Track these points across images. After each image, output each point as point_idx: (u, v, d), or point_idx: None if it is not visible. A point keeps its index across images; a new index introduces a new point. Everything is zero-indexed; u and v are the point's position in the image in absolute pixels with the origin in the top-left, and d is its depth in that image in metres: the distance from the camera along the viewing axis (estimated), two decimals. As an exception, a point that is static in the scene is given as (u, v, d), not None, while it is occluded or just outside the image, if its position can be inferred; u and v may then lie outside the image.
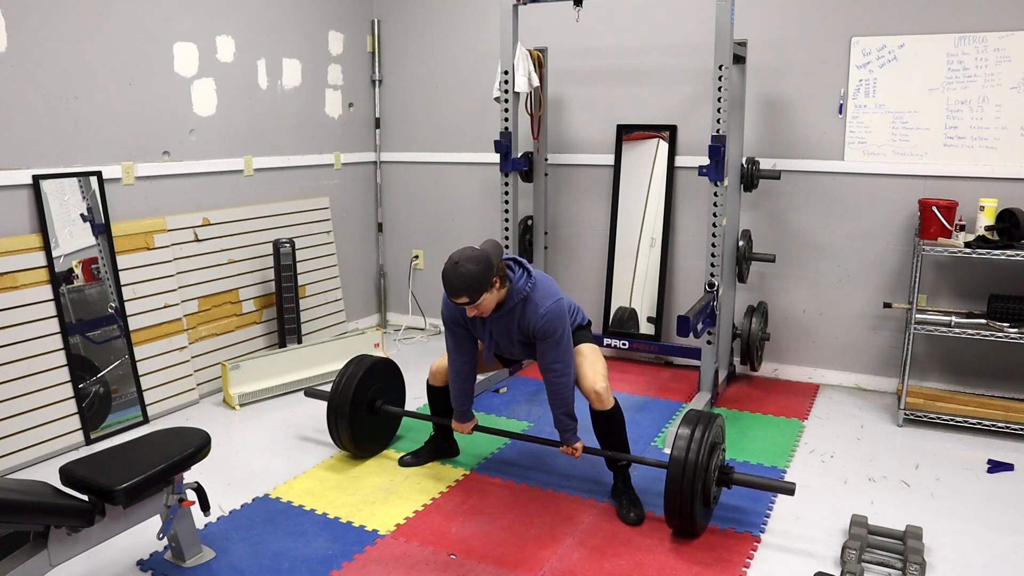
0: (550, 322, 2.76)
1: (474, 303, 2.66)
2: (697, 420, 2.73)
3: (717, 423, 2.76)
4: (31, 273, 3.33)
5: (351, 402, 3.26)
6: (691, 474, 2.60)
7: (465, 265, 2.61)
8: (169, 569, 2.57)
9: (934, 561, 2.63)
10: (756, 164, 4.10)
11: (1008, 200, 3.72)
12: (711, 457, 2.69)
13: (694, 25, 4.30)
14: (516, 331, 2.84)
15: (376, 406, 3.38)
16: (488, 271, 2.63)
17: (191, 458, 2.47)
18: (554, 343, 2.78)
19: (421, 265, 5.42)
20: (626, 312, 4.63)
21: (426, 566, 2.59)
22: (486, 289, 2.65)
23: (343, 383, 3.31)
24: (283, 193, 4.64)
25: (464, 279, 2.60)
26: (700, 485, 2.63)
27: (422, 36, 5.10)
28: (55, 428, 3.38)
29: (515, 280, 2.78)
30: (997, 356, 3.96)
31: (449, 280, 2.63)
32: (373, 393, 3.38)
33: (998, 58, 3.75)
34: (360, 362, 3.39)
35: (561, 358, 2.81)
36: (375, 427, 3.43)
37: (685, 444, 2.65)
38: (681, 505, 2.64)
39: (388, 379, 3.48)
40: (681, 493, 2.62)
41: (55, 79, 3.42)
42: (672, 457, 2.65)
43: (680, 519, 2.68)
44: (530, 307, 2.77)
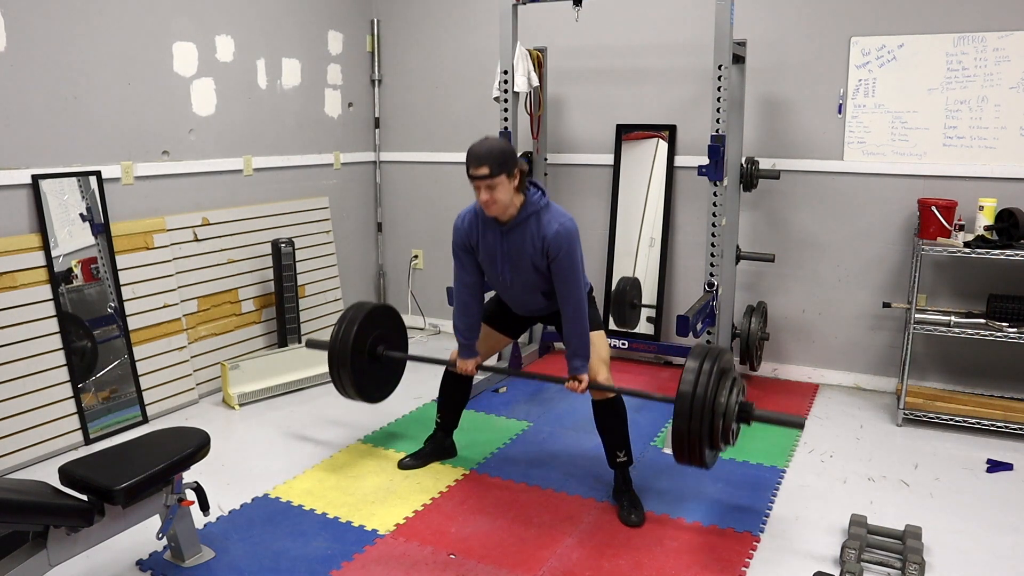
0: (564, 237, 2.75)
1: (492, 178, 2.66)
2: (705, 353, 2.62)
3: (726, 356, 2.65)
4: (30, 273, 3.33)
5: (352, 349, 3.18)
6: (700, 405, 2.50)
7: (494, 140, 2.75)
8: (168, 569, 2.57)
9: (933, 561, 2.63)
10: (755, 164, 4.10)
11: (1007, 200, 3.72)
12: (719, 390, 2.56)
13: (694, 25, 4.30)
14: (529, 248, 2.80)
15: (378, 352, 3.30)
16: (513, 155, 2.72)
17: (190, 458, 2.47)
18: (567, 261, 2.77)
19: (421, 265, 5.42)
20: (629, 282, 4.47)
21: (426, 566, 2.59)
22: (506, 170, 2.67)
23: (342, 330, 3.21)
24: (282, 193, 4.64)
25: (490, 148, 2.68)
26: (709, 416, 2.52)
27: (422, 36, 5.10)
28: (54, 428, 3.38)
29: (530, 195, 2.81)
30: (996, 356, 3.96)
31: (475, 148, 2.70)
32: (374, 339, 3.29)
33: (997, 58, 3.76)
34: (359, 308, 3.30)
35: (575, 282, 2.80)
36: (378, 374, 3.35)
37: (692, 377, 2.54)
38: (689, 437, 2.53)
39: (389, 324, 3.39)
40: (689, 424, 2.51)
41: (55, 79, 3.42)
42: (679, 390, 2.55)
43: (689, 453, 2.57)
44: (543, 221, 2.78)
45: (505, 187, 2.70)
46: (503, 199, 2.71)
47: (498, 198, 2.70)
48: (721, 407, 2.55)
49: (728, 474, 3.25)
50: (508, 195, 2.72)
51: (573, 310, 2.82)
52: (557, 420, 3.81)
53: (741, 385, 2.67)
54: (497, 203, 2.72)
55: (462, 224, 2.94)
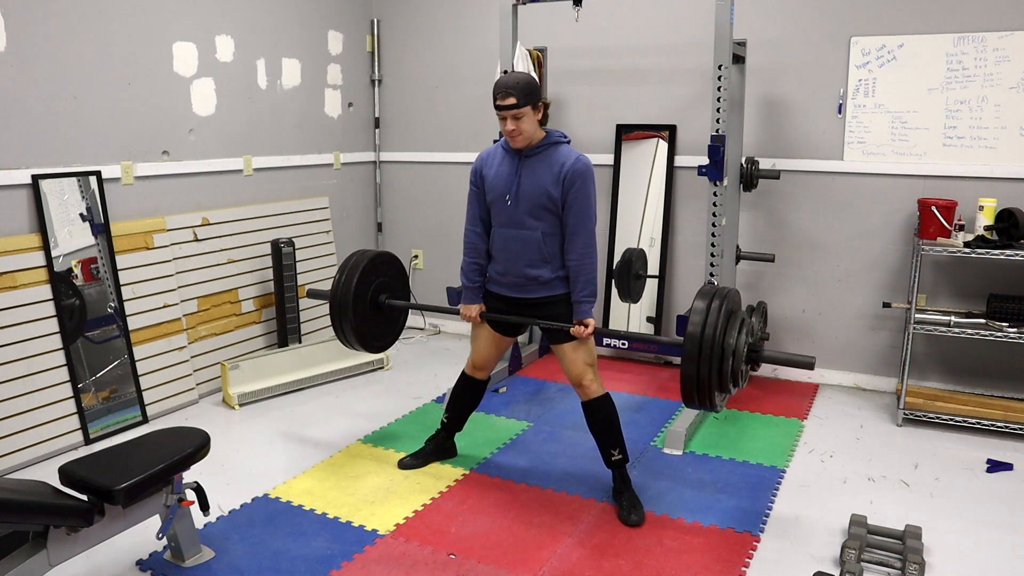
0: (583, 168, 2.79)
1: (519, 108, 2.72)
2: (713, 293, 2.58)
3: (732, 295, 2.61)
4: (30, 273, 3.33)
5: (354, 297, 3.14)
6: (708, 345, 2.46)
7: (518, 73, 2.86)
8: (168, 569, 2.57)
9: (933, 561, 2.63)
10: (755, 164, 4.10)
11: (1007, 200, 3.72)
12: (728, 333, 2.52)
13: (694, 25, 4.30)
14: (546, 174, 2.81)
15: (380, 301, 3.27)
16: (537, 86, 2.80)
17: (190, 458, 2.47)
18: (583, 191, 2.79)
19: (421, 265, 5.42)
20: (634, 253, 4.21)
21: (425, 566, 2.59)
22: (532, 101, 2.75)
23: (344, 278, 3.16)
24: (282, 193, 4.64)
25: (516, 80, 2.75)
26: (719, 357, 2.48)
27: (422, 36, 5.10)
28: (54, 428, 3.38)
29: (553, 132, 2.89)
30: (996, 356, 3.96)
31: (502, 80, 2.77)
32: (376, 287, 3.25)
33: (997, 58, 3.76)
34: (361, 255, 3.25)
35: (588, 217, 2.82)
36: (380, 323, 3.31)
37: (700, 318, 2.50)
38: (699, 383, 2.49)
39: (391, 273, 3.35)
40: (698, 365, 2.47)
41: (55, 79, 3.42)
42: (687, 332, 2.51)
43: (698, 395, 2.54)
44: (563, 152, 2.84)
45: (530, 118, 2.77)
46: (528, 129, 2.78)
47: (523, 128, 2.77)
48: (730, 348, 2.52)
49: (728, 474, 3.25)
50: (533, 126, 2.80)
51: (583, 246, 2.83)
52: (557, 420, 3.81)
53: (750, 325, 2.63)
54: (523, 133, 2.79)
55: (482, 153, 3.01)
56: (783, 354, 2.66)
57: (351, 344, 3.28)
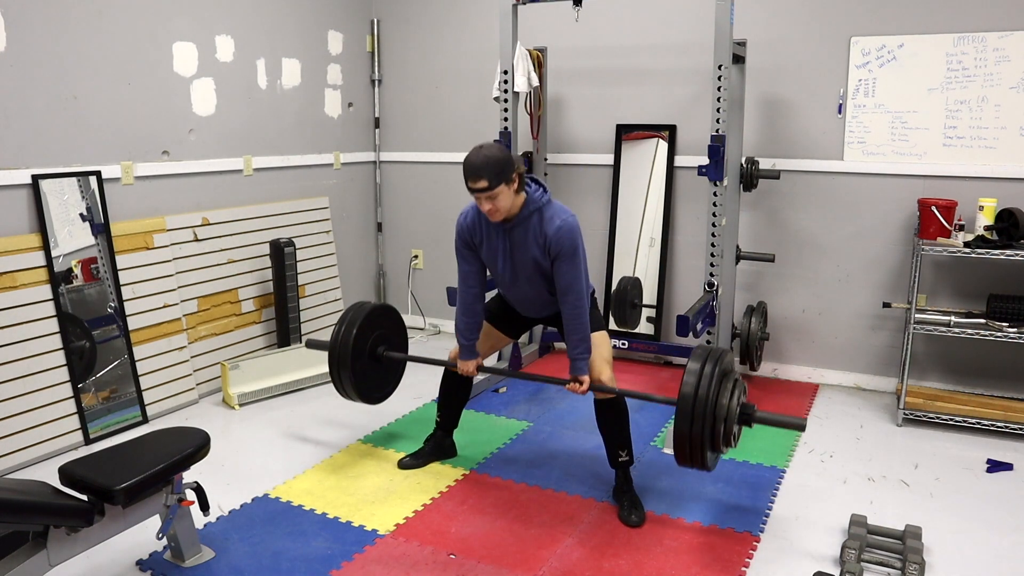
0: (566, 234, 2.74)
1: (492, 190, 2.64)
2: (707, 354, 2.62)
3: (727, 358, 2.65)
4: (30, 273, 3.33)
5: (352, 351, 3.17)
6: (702, 408, 2.50)
7: (489, 149, 2.68)
8: (168, 569, 2.57)
9: (933, 561, 2.63)
10: (756, 164, 4.10)
11: (1007, 200, 3.72)
12: (721, 393, 2.56)
13: (694, 25, 4.30)
14: (532, 245, 2.80)
15: (379, 353, 3.29)
16: (510, 161, 2.67)
17: (190, 458, 2.47)
18: (569, 258, 2.76)
19: (421, 265, 5.42)
20: (630, 282, 4.35)
21: (426, 566, 2.59)
22: (505, 179, 2.65)
23: (343, 331, 3.20)
24: (282, 193, 4.64)
25: (486, 160, 2.64)
26: (711, 419, 2.52)
27: (422, 36, 5.10)
28: (54, 428, 3.38)
29: (531, 192, 2.80)
30: (996, 356, 3.96)
31: (471, 161, 2.66)
32: (375, 340, 3.28)
33: (997, 58, 3.76)
34: (359, 308, 3.28)
35: (577, 278, 2.79)
36: (378, 374, 3.34)
37: (694, 379, 2.54)
38: (691, 440, 2.53)
39: (389, 325, 3.38)
40: (691, 427, 2.51)
41: (54, 79, 3.42)
42: (681, 392, 2.55)
43: (690, 455, 2.57)
44: (545, 219, 2.77)
45: (506, 194, 2.69)
46: (505, 206, 2.72)
47: (499, 206, 2.71)
48: (723, 409, 2.56)
49: (728, 474, 3.25)
50: (509, 201, 2.72)
51: (574, 308, 2.81)
52: (557, 420, 3.81)
53: (743, 387, 2.67)
54: (499, 211, 2.73)
55: (465, 221, 2.93)
56: (775, 416, 2.70)
57: (350, 396, 3.31)
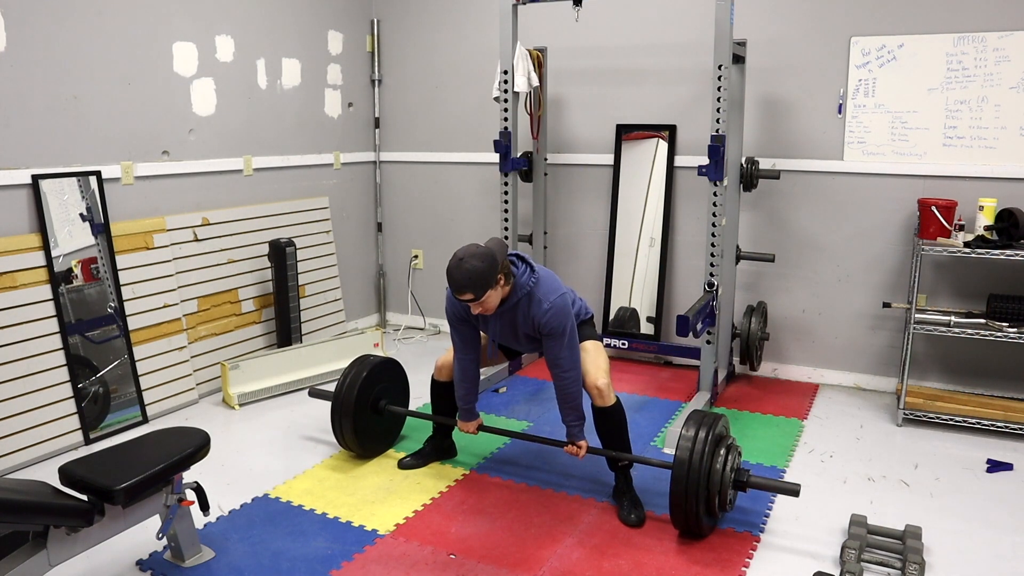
0: (555, 317, 2.76)
1: (479, 300, 2.66)
2: (700, 421, 2.72)
3: (721, 423, 2.75)
4: (30, 273, 3.33)
5: (355, 404, 3.25)
6: (696, 475, 2.59)
7: (470, 262, 2.62)
8: (168, 569, 2.57)
9: (933, 561, 2.63)
10: (755, 164, 4.10)
11: (1007, 200, 3.72)
12: (715, 458, 2.66)
13: (694, 25, 4.30)
14: (521, 326, 2.85)
15: (380, 406, 3.38)
16: (493, 268, 2.65)
17: (190, 458, 2.47)
18: (559, 338, 2.78)
19: (421, 265, 5.42)
20: (627, 312, 4.63)
21: (426, 566, 2.59)
22: (490, 286, 2.65)
23: (346, 384, 3.30)
24: (282, 193, 4.64)
25: (469, 275, 2.61)
26: (705, 486, 2.61)
27: (422, 36, 5.10)
28: (55, 428, 3.38)
29: (518, 276, 2.79)
30: (996, 356, 3.96)
31: (454, 277, 2.64)
32: (377, 393, 3.37)
33: (997, 58, 3.76)
34: (363, 363, 3.38)
35: (567, 354, 2.81)
36: (380, 427, 3.43)
37: (689, 445, 2.64)
38: (686, 507, 2.62)
39: (391, 379, 3.48)
40: (686, 494, 2.61)
41: (55, 79, 3.42)
42: (676, 458, 2.64)
43: (685, 521, 2.67)
44: (534, 303, 2.78)
45: (493, 296, 2.70)
46: (493, 304, 2.75)
47: (488, 307, 2.74)
48: (717, 475, 2.65)
49: (728, 474, 3.25)
50: (498, 297, 2.74)
51: (562, 380, 2.85)
52: (557, 420, 3.78)
53: (737, 451, 2.76)
54: (489, 310, 2.76)
55: (455, 299, 2.89)
56: (769, 480, 2.78)
57: (349, 447, 3.37)
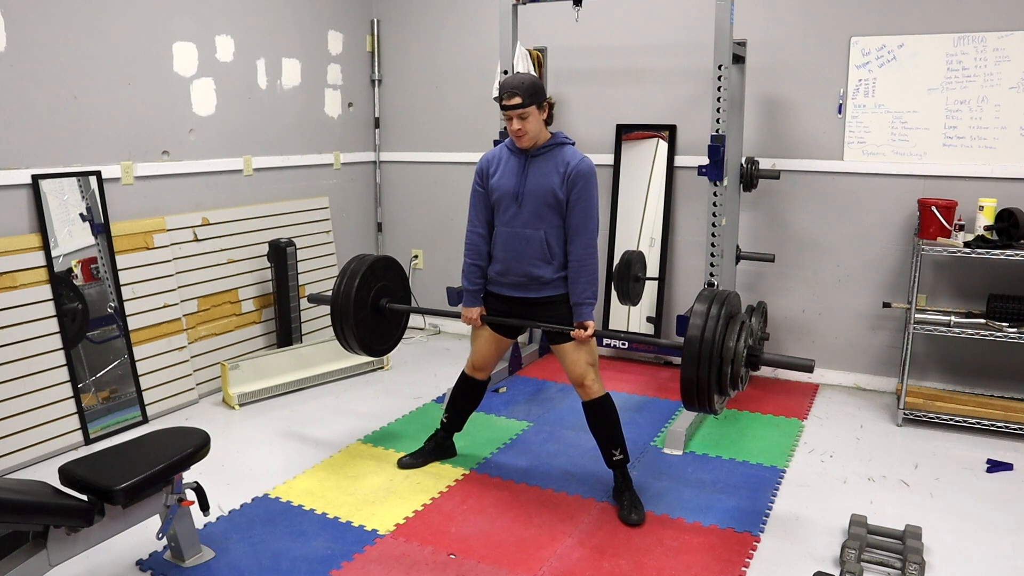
0: (588, 168, 2.85)
1: (524, 108, 2.77)
2: (712, 297, 2.60)
3: (732, 299, 2.64)
4: (30, 273, 3.33)
5: (354, 303, 3.17)
6: (708, 349, 2.49)
7: (523, 74, 2.87)
8: (168, 569, 2.57)
9: (933, 561, 2.63)
10: (755, 164, 4.10)
11: (1007, 200, 3.72)
12: (728, 335, 2.54)
13: (694, 25, 4.30)
14: (552, 173, 2.85)
15: (381, 305, 3.29)
16: (542, 88, 2.84)
17: (190, 458, 2.47)
18: (586, 193, 2.84)
19: (421, 265, 5.41)
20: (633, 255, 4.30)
21: (426, 566, 2.59)
22: (537, 101, 2.79)
23: (344, 284, 3.20)
24: (282, 193, 4.64)
25: (522, 81, 2.80)
26: (718, 358, 2.51)
27: (422, 36, 5.10)
28: (54, 428, 3.38)
29: (559, 134, 2.94)
30: (996, 356, 3.96)
31: (508, 80, 2.82)
32: (377, 292, 3.28)
33: (997, 58, 3.76)
34: (361, 260, 3.28)
35: (590, 217, 2.86)
36: (382, 327, 3.34)
37: (700, 322, 2.52)
38: (698, 381, 2.52)
39: (391, 277, 3.38)
40: (698, 367, 2.50)
41: (54, 79, 3.42)
42: (687, 334, 2.54)
43: (697, 396, 2.57)
44: (569, 152, 2.89)
45: (535, 118, 2.81)
46: (533, 129, 2.83)
47: (528, 128, 2.82)
48: (729, 352, 2.55)
49: (728, 474, 3.25)
50: (537, 126, 2.84)
51: (584, 249, 2.86)
52: (557, 420, 3.81)
53: (750, 329, 2.66)
54: (528, 133, 2.83)
55: (487, 154, 3.03)
56: (782, 356, 2.68)
57: (353, 349, 3.32)
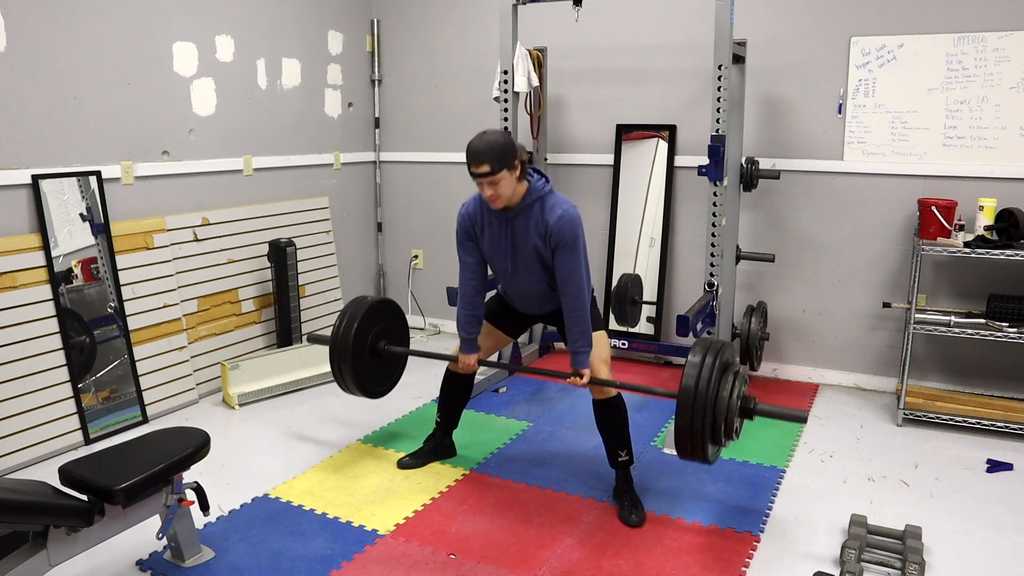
0: (567, 224, 2.75)
1: (494, 175, 2.66)
2: (707, 347, 2.62)
3: (728, 350, 2.66)
4: (30, 273, 3.33)
5: (353, 346, 3.19)
6: (702, 401, 2.50)
7: (492, 135, 2.70)
8: (168, 569, 2.57)
9: (933, 561, 2.63)
10: (755, 164, 4.10)
11: (1007, 200, 3.72)
12: (722, 386, 2.56)
13: (694, 25, 4.30)
14: (533, 234, 2.81)
15: (379, 347, 3.31)
16: (512, 148, 2.69)
17: (190, 458, 2.47)
18: (570, 248, 2.77)
19: (421, 265, 5.41)
20: (630, 279, 4.42)
21: (426, 566, 2.59)
22: (508, 164, 2.67)
23: (343, 326, 3.21)
24: (282, 193, 4.64)
25: (489, 145, 2.66)
26: (712, 412, 2.52)
27: (422, 36, 5.10)
28: (55, 428, 3.38)
29: (533, 182, 2.81)
30: (996, 356, 3.96)
31: (474, 146, 2.68)
32: (375, 334, 3.29)
33: (997, 58, 3.76)
34: (359, 303, 3.30)
35: (577, 270, 2.79)
36: (380, 368, 3.36)
37: (695, 372, 2.54)
38: (692, 434, 2.53)
39: (389, 319, 3.40)
40: (692, 420, 2.52)
41: (54, 79, 3.41)
42: (682, 384, 2.54)
43: (691, 449, 2.58)
44: (547, 207, 2.79)
45: (508, 181, 2.71)
46: (506, 193, 2.73)
47: (501, 192, 2.72)
48: (724, 402, 2.55)
49: (728, 474, 3.25)
50: (511, 188, 2.74)
51: (574, 300, 2.82)
52: (557, 420, 3.81)
53: (744, 379, 2.67)
54: (501, 197, 2.74)
55: (466, 211, 2.95)
56: (775, 407, 2.70)
57: (351, 391, 3.33)
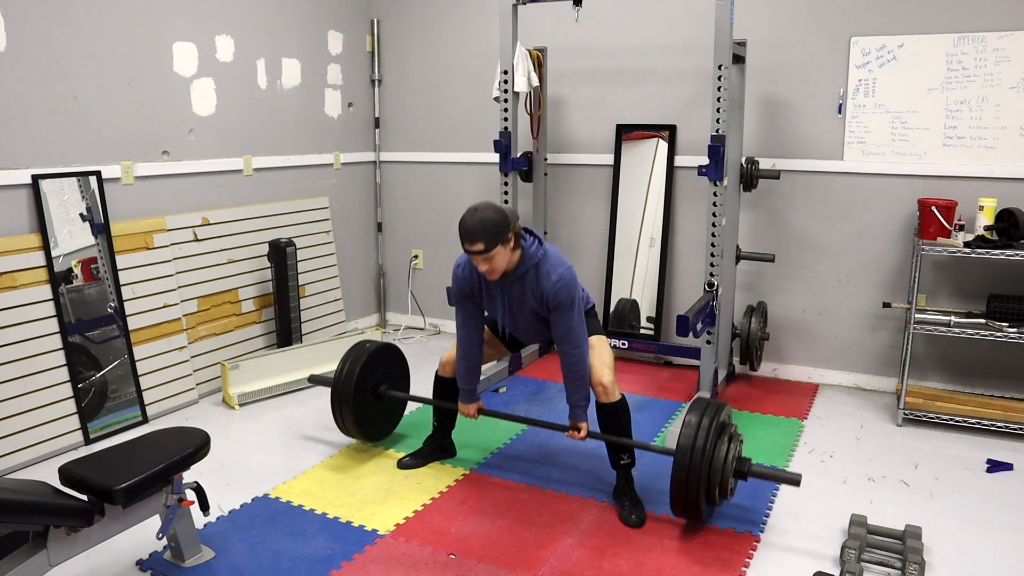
0: (563, 288, 2.77)
1: (488, 252, 2.65)
2: (704, 408, 2.71)
3: (724, 411, 2.73)
4: (30, 273, 3.33)
5: (354, 389, 3.25)
6: (697, 463, 2.58)
7: (484, 212, 2.66)
8: (168, 569, 2.57)
9: (933, 561, 2.63)
10: (755, 164, 4.10)
11: (1007, 200, 3.72)
12: (718, 446, 2.65)
13: (693, 25, 4.30)
14: (529, 298, 2.84)
15: (380, 391, 3.37)
16: (505, 222, 2.67)
17: (190, 458, 2.47)
18: (566, 311, 2.79)
19: (421, 265, 5.42)
20: (627, 304, 4.61)
21: (426, 566, 2.59)
22: (501, 240, 2.66)
23: (345, 370, 3.29)
24: (282, 193, 4.64)
25: (482, 224, 2.63)
26: (707, 474, 2.60)
27: (422, 36, 5.10)
28: (54, 428, 3.38)
29: (527, 247, 2.81)
30: (996, 356, 3.96)
31: (467, 224, 2.66)
32: (376, 378, 3.36)
33: (997, 58, 3.76)
34: (361, 348, 3.37)
35: (574, 328, 2.81)
36: (380, 412, 3.42)
37: (692, 432, 2.63)
38: (687, 494, 2.61)
39: (391, 363, 3.47)
40: (687, 481, 2.59)
41: (54, 79, 3.41)
42: (678, 445, 2.62)
43: (685, 508, 2.66)
44: (542, 275, 2.79)
45: (502, 254, 2.71)
46: (501, 265, 2.74)
47: (496, 266, 2.73)
48: (719, 463, 2.65)
49: (728, 474, 3.25)
50: (505, 260, 2.74)
51: (570, 356, 2.84)
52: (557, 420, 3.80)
53: (739, 439, 2.76)
54: (496, 270, 2.75)
55: (462, 273, 2.94)
56: (769, 469, 2.80)
57: (350, 433, 3.39)
